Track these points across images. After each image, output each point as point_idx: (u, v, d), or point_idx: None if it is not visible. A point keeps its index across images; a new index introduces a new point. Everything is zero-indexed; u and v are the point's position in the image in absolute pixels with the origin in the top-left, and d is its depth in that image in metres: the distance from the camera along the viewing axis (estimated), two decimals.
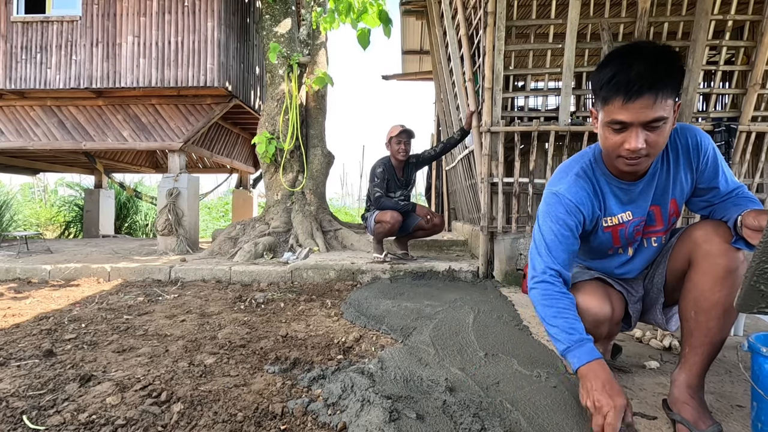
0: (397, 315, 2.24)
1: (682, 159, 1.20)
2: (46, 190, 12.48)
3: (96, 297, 2.85)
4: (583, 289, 1.27)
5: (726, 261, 1.07)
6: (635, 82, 1.01)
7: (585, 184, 1.23)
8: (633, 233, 1.27)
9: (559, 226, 1.22)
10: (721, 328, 1.09)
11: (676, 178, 1.21)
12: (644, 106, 1.01)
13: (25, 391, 1.37)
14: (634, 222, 1.25)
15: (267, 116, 4.91)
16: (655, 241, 1.29)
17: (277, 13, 4.90)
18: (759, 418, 0.99)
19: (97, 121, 5.41)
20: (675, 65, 1.02)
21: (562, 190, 1.23)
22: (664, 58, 1.02)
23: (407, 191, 3.67)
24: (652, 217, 1.25)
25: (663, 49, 1.04)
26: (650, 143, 1.05)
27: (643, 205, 1.23)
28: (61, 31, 5.16)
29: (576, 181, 1.23)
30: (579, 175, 1.24)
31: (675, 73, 1.02)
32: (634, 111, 1.02)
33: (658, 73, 1.00)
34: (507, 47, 3.00)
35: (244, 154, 7.97)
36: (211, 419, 1.19)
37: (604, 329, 1.25)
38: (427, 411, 1.20)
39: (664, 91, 1.01)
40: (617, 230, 1.26)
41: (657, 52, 1.03)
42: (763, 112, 3.13)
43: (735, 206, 1.12)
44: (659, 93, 1.00)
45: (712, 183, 1.19)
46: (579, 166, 1.25)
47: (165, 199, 5.07)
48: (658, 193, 1.22)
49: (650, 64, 1.01)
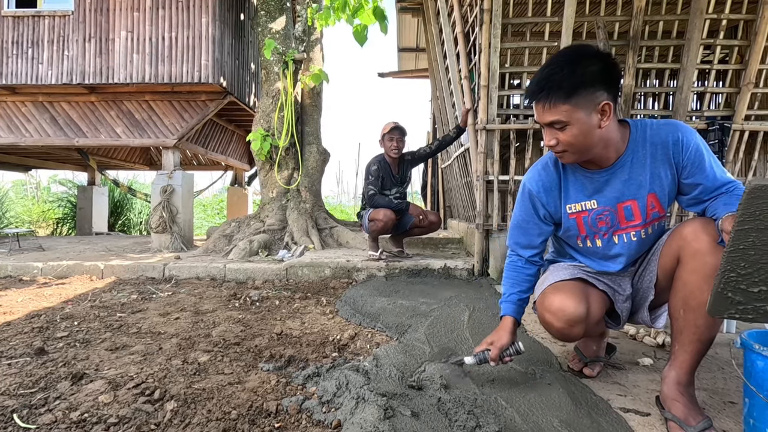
0: (393, 312, 2.24)
1: (660, 154, 1.20)
2: (38, 187, 12.35)
3: (89, 295, 2.83)
4: (560, 289, 1.28)
5: (714, 259, 1.06)
6: (531, 88, 1.18)
7: (547, 174, 1.35)
8: (596, 222, 1.29)
9: (521, 212, 1.41)
10: (709, 326, 1.10)
11: (654, 173, 1.21)
12: (539, 110, 1.17)
13: (16, 389, 1.36)
14: (597, 210, 1.28)
15: (262, 113, 4.89)
16: (634, 235, 1.28)
17: (272, 9, 4.87)
18: (751, 414, 1.00)
19: (89, 117, 5.36)
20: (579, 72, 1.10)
21: (527, 180, 1.40)
22: (565, 66, 1.11)
23: (403, 188, 3.67)
24: (630, 212, 1.26)
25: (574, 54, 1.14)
26: (561, 141, 1.17)
27: (609, 195, 1.26)
28: (52, 25, 5.09)
29: (539, 173, 1.37)
30: (544, 167, 1.36)
31: (575, 79, 1.10)
32: (537, 113, 1.19)
33: (551, 80, 1.12)
34: (503, 45, 3.00)
35: (239, 151, 7.92)
36: (205, 417, 1.18)
37: (579, 329, 1.25)
38: (422, 408, 1.20)
39: (554, 96, 1.12)
40: (581, 217, 1.31)
41: (562, 60, 1.13)
42: (756, 110, 3.15)
43: (725, 204, 1.11)
44: (548, 99, 1.13)
45: (698, 179, 1.19)
46: (547, 158, 1.37)
47: (159, 196, 5.04)
48: (633, 187, 1.23)
49: (548, 73, 1.13)
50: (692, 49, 2.99)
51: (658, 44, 3.11)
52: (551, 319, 1.26)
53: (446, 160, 5.24)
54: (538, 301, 1.36)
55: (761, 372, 0.96)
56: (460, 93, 3.60)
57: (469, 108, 3.27)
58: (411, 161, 3.66)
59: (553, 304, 1.25)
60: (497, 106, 3.06)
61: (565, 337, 1.29)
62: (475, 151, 3.18)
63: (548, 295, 1.29)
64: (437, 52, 4.63)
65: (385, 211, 3.32)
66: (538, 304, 1.35)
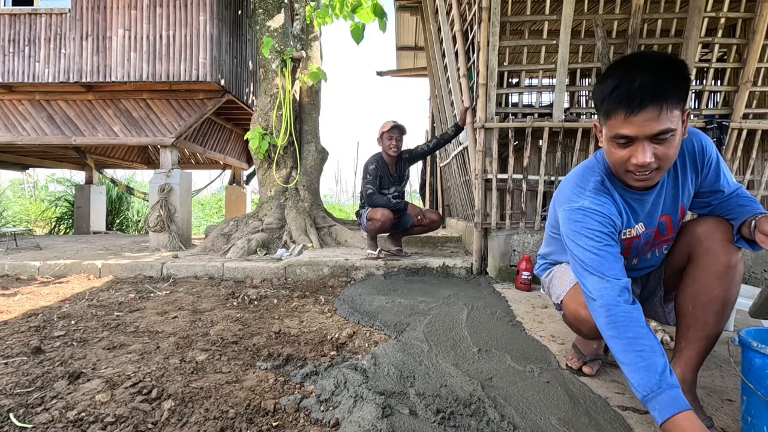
0: (391, 311, 2.24)
1: (689, 164, 1.18)
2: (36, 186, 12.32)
3: (86, 294, 2.82)
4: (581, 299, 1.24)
5: (727, 257, 1.08)
6: (637, 95, 0.97)
7: (606, 196, 1.16)
8: (644, 245, 1.25)
9: (596, 241, 1.10)
10: (717, 322, 1.11)
11: (684, 185, 1.19)
12: (648, 119, 0.97)
13: (13, 388, 1.35)
14: (647, 234, 1.22)
15: (260, 111, 4.87)
16: (666, 248, 1.28)
17: (270, 8, 4.86)
18: (749, 411, 1.00)
19: (87, 115, 5.33)
20: (680, 74, 0.98)
21: (588, 204, 1.14)
22: (667, 68, 0.98)
23: (401, 187, 3.66)
24: (664, 227, 1.23)
25: (666, 58, 1.00)
26: (659, 156, 1.01)
27: (654, 215, 1.20)
28: (49, 23, 5.07)
29: (598, 194, 1.16)
30: (598, 189, 1.16)
31: (680, 83, 0.98)
32: (638, 124, 0.98)
33: (662, 83, 0.96)
34: (501, 43, 2.99)
35: (237, 150, 7.90)
36: (203, 416, 1.18)
37: None
38: (420, 406, 1.19)
39: (669, 101, 0.96)
40: (632, 242, 1.23)
41: (660, 61, 0.99)
42: (754, 109, 3.15)
43: (740, 206, 1.11)
44: (663, 104, 0.96)
45: (714, 186, 1.19)
46: (594, 179, 1.18)
47: (157, 195, 5.02)
48: (668, 202, 1.20)
49: (653, 75, 0.97)
50: (690, 47, 2.99)
51: (656, 42, 3.11)
52: (587, 314, 1.18)
53: (445, 158, 5.23)
54: (568, 298, 1.29)
55: (759, 369, 0.96)
56: (458, 91, 3.59)
57: (468, 106, 3.26)
58: (409, 159, 3.65)
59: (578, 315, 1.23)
60: (496, 105, 3.06)
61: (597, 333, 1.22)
62: (474, 150, 3.18)
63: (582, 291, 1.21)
64: (436, 51, 4.62)
65: (383, 211, 3.32)
66: (569, 302, 1.28)
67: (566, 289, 1.33)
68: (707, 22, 2.97)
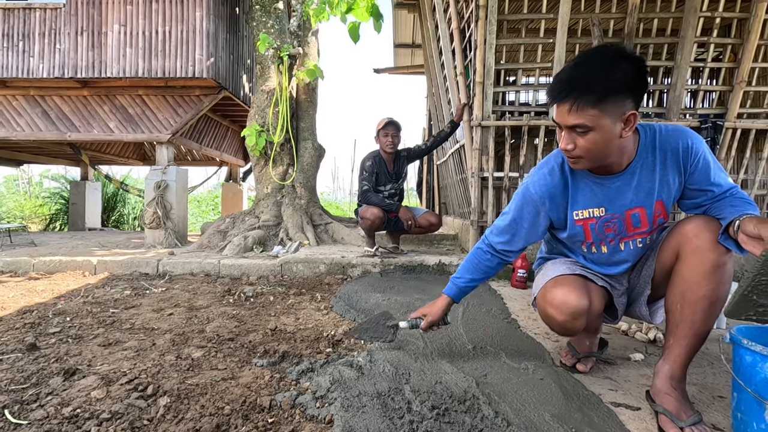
0: (387, 308, 2.24)
1: (670, 161, 1.19)
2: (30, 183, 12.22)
3: (81, 290, 2.81)
4: (562, 283, 1.29)
5: (715, 256, 1.08)
6: (555, 87, 1.09)
7: (554, 180, 1.29)
8: (603, 229, 1.28)
9: (516, 214, 1.35)
10: (705, 320, 1.11)
11: (663, 180, 1.21)
12: (563, 111, 1.09)
13: (7, 385, 1.35)
14: (605, 218, 1.26)
15: (257, 108, 4.86)
16: (640, 242, 1.29)
17: (267, 4, 4.83)
18: (739, 408, 1.01)
19: (82, 111, 5.30)
20: (617, 78, 1.02)
21: (531, 183, 1.33)
22: (606, 68, 1.03)
23: (398, 185, 3.67)
24: (638, 219, 1.25)
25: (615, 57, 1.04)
26: (579, 147, 1.11)
27: (617, 202, 1.24)
28: (44, 18, 5.02)
29: (545, 177, 1.30)
30: (551, 172, 1.30)
31: (614, 84, 1.02)
32: (559, 114, 1.11)
33: (583, 81, 1.04)
34: (498, 41, 3.00)
35: (233, 146, 7.88)
36: (198, 412, 1.18)
37: (581, 322, 1.26)
38: (415, 403, 1.20)
39: (583, 100, 1.04)
40: (588, 224, 1.29)
41: (597, 60, 1.05)
42: (748, 108, 3.18)
43: (731, 206, 1.11)
44: (577, 101, 1.05)
45: (704, 186, 1.19)
46: (553, 162, 1.31)
47: (153, 191, 5.00)
48: (642, 194, 1.22)
49: (580, 72, 1.05)
50: (686, 47, 3.00)
51: (652, 42, 3.12)
52: (554, 312, 1.27)
53: (441, 156, 5.24)
54: (540, 295, 1.35)
55: (749, 366, 0.97)
56: (455, 89, 3.60)
57: (465, 102, 3.26)
58: (407, 157, 3.65)
59: (556, 297, 1.26)
60: (492, 103, 3.07)
61: (566, 330, 1.29)
62: (470, 148, 3.18)
63: (550, 289, 1.29)
64: (433, 49, 4.62)
65: (373, 210, 3.31)
66: (540, 299, 1.35)
67: (537, 288, 1.39)
68: (703, 22, 2.98)
